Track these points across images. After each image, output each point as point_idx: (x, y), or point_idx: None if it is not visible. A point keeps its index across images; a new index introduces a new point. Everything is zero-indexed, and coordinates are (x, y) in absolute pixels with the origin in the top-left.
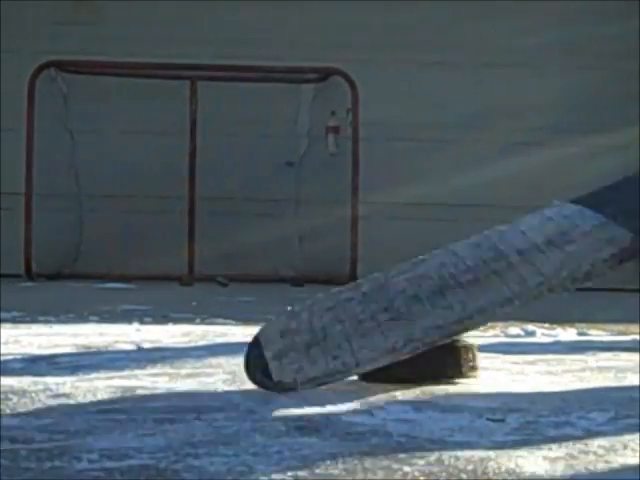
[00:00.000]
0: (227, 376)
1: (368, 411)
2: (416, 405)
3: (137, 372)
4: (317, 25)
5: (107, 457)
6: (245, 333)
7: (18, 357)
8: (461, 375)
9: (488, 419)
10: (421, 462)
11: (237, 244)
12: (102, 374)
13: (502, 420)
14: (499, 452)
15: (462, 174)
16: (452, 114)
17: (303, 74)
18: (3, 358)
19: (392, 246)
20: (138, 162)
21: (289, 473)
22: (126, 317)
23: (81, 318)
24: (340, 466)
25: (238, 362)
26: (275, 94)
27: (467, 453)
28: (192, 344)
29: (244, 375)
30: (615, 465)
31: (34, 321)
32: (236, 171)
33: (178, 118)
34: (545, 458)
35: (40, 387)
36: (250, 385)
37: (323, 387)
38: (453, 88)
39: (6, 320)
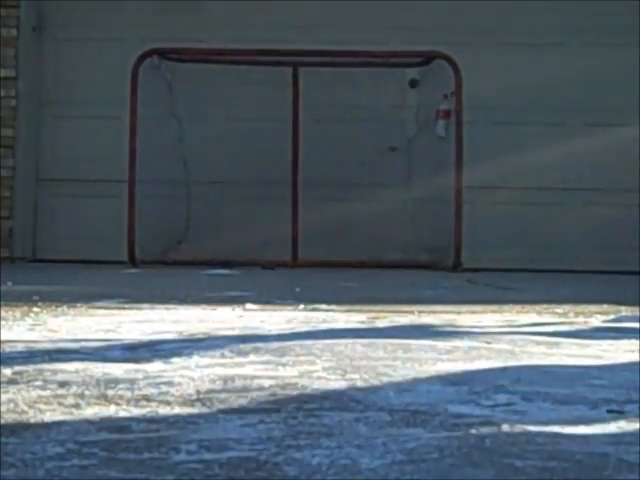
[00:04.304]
0: (330, 364)
1: (474, 401)
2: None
3: (239, 360)
4: (419, 8)
5: (206, 448)
6: (348, 320)
7: (119, 344)
8: None
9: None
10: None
11: (340, 229)
12: (203, 362)
13: None
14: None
15: (569, 157)
16: (557, 96)
17: (406, 58)
18: (104, 345)
19: (497, 231)
20: (242, 148)
21: (395, 467)
22: (229, 303)
23: (184, 304)
24: (447, 460)
25: (341, 350)
26: (378, 79)
27: (584, 447)
28: (295, 330)
29: (347, 363)
30: None
31: (136, 307)
32: (339, 156)
33: (282, 104)
34: None
35: (140, 375)
36: (354, 374)
37: (424, 376)
38: (558, 70)
39: (109, 306)
